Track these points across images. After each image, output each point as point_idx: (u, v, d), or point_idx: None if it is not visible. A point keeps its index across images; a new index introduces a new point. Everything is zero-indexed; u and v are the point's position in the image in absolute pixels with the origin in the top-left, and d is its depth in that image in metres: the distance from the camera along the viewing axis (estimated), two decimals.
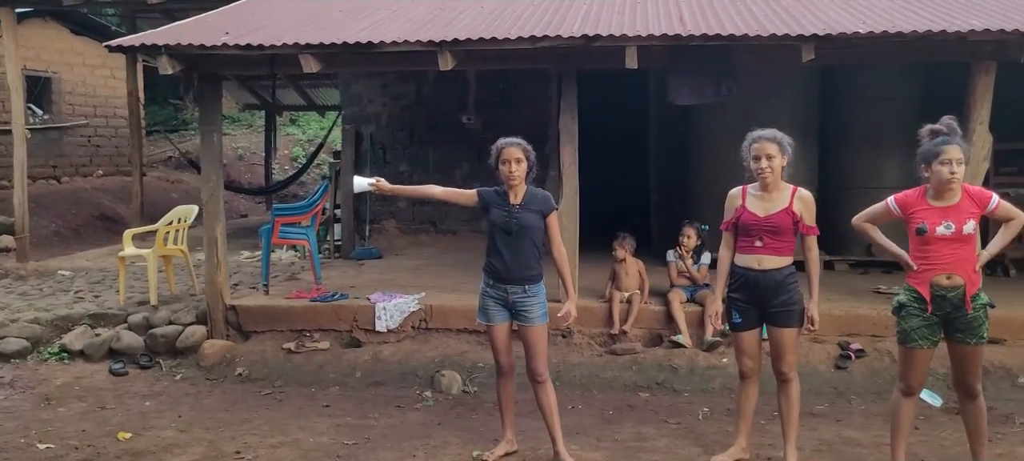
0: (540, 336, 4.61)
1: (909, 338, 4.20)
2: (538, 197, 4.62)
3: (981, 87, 6.39)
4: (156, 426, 5.41)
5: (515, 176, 4.49)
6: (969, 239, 4.09)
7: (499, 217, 4.54)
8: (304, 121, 21.84)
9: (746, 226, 4.48)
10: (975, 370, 4.25)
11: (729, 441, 4.88)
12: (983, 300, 4.15)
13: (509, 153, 4.50)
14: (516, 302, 4.56)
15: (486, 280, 4.65)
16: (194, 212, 8.23)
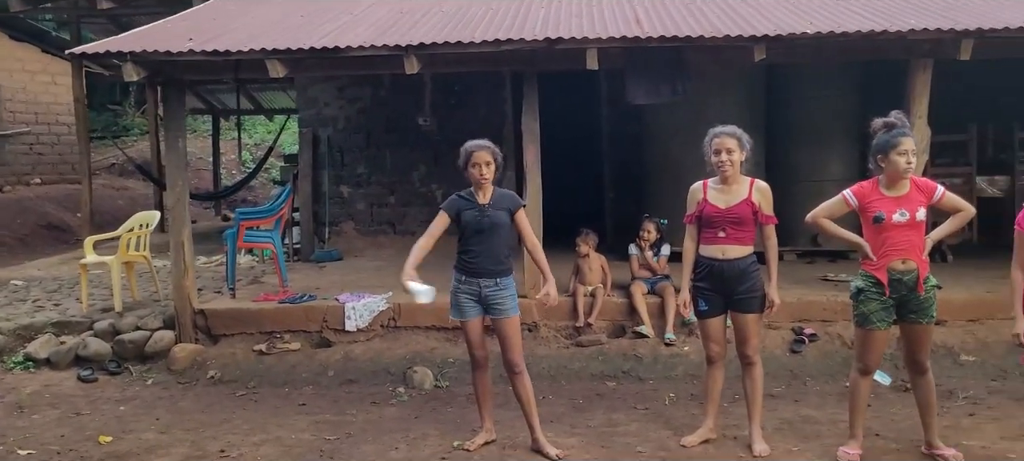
0: (514, 328, 4.79)
1: (868, 321, 4.48)
2: (506, 196, 4.83)
3: (919, 83, 6.78)
4: (135, 429, 5.45)
5: (485, 177, 4.70)
6: (921, 226, 4.41)
7: (471, 217, 4.72)
8: (250, 125, 21.65)
9: (709, 218, 4.73)
10: (926, 348, 4.57)
11: (696, 423, 5.14)
12: (933, 282, 4.47)
13: (480, 156, 4.69)
14: (488, 296, 4.73)
15: (458, 277, 4.80)
16: (156, 218, 8.21)
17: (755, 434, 4.81)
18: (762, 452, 4.70)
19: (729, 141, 4.65)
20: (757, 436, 4.80)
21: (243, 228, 7.85)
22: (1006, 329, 6.51)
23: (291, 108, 16.50)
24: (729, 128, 4.73)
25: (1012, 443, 4.79)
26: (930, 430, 4.61)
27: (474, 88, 10.25)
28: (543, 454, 4.77)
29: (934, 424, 4.62)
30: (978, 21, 6.45)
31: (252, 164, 18.39)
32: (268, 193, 17.92)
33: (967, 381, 6.07)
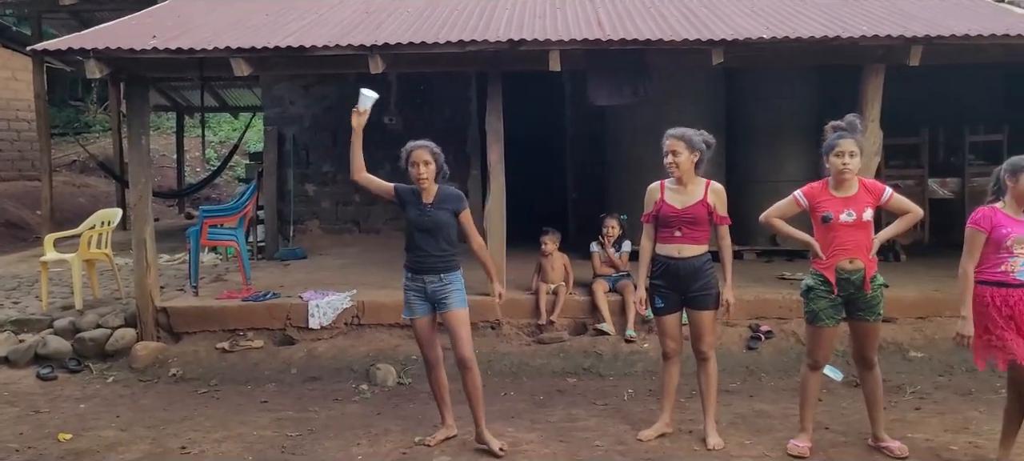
0: (461, 321, 4.81)
1: (817, 318, 4.64)
2: (450, 196, 4.85)
3: (872, 87, 6.97)
4: (95, 427, 5.45)
5: (424, 177, 4.72)
6: (867, 226, 4.56)
7: (413, 215, 4.78)
8: (215, 123, 21.50)
9: (665, 218, 4.85)
10: (873, 344, 4.73)
11: (653, 418, 5.25)
12: (880, 281, 4.63)
13: (418, 155, 4.72)
14: (434, 292, 4.78)
15: (406, 275, 4.88)
16: (118, 215, 8.17)
17: (709, 428, 4.94)
18: (715, 445, 4.84)
19: (676, 143, 4.78)
20: (711, 430, 4.94)
21: (206, 225, 7.84)
22: (953, 326, 6.73)
23: (257, 106, 16.41)
24: (678, 130, 4.84)
25: (955, 436, 4.97)
26: (877, 423, 4.77)
27: (440, 88, 10.32)
28: (487, 448, 4.81)
29: (880, 417, 4.78)
30: (927, 28, 6.65)
31: (217, 162, 18.26)
32: (233, 191, 17.82)
33: (915, 376, 6.26)
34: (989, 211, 4.24)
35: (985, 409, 5.45)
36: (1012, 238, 4.14)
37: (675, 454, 4.78)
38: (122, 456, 4.89)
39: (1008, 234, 4.15)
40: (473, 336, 6.90)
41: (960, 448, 4.77)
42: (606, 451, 4.86)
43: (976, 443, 4.83)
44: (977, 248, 4.24)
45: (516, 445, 4.98)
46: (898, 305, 6.98)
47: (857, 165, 4.51)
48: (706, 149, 4.85)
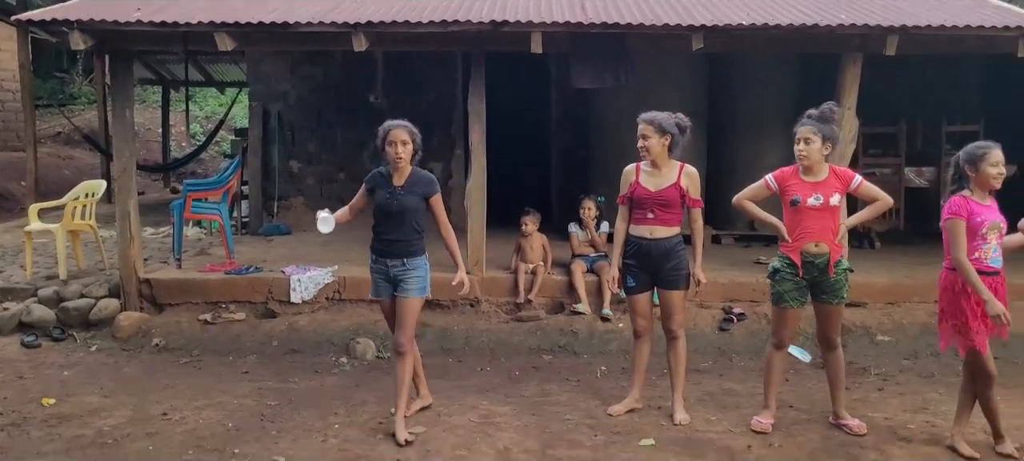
0: (410, 309, 4.75)
1: (782, 299, 4.80)
2: (422, 180, 4.77)
3: (849, 76, 7.10)
4: (78, 393, 5.55)
5: (401, 158, 4.65)
6: (834, 211, 4.70)
7: (381, 198, 4.72)
8: (201, 97, 21.46)
9: (639, 200, 4.97)
10: (835, 326, 4.87)
11: (625, 394, 5.39)
12: (844, 265, 4.78)
13: (396, 135, 4.65)
14: (396, 275, 4.74)
15: (371, 256, 4.85)
16: (102, 187, 8.23)
17: (677, 404, 5.09)
18: (682, 421, 4.98)
19: (646, 128, 4.89)
20: (678, 406, 5.08)
21: (190, 199, 7.91)
22: (921, 312, 6.98)
23: (243, 81, 16.42)
24: (649, 115, 4.95)
25: (912, 415, 5.14)
26: (838, 402, 4.93)
27: (426, 69, 10.38)
28: (394, 437, 4.67)
29: (841, 397, 4.93)
30: (903, 19, 6.78)
31: (202, 137, 18.26)
32: (218, 166, 17.83)
33: (881, 359, 6.43)
34: (962, 200, 4.36)
35: (944, 391, 5.62)
36: (987, 225, 4.29)
37: (643, 428, 4.91)
38: (104, 421, 4.99)
39: (983, 221, 4.29)
40: (452, 313, 7.17)
41: (917, 427, 4.93)
42: (576, 424, 5.00)
43: (932, 422, 4.99)
44: (962, 236, 4.30)
45: (489, 417, 5.11)
46: (868, 290, 7.16)
47: (816, 151, 4.64)
48: (679, 132, 4.94)
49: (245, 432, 4.83)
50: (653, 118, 4.90)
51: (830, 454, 4.52)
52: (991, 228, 4.29)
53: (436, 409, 5.25)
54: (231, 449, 4.55)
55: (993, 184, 4.31)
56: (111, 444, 4.62)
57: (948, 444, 4.56)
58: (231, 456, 4.46)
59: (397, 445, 4.62)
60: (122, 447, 4.59)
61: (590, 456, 4.50)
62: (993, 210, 4.33)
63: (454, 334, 6.91)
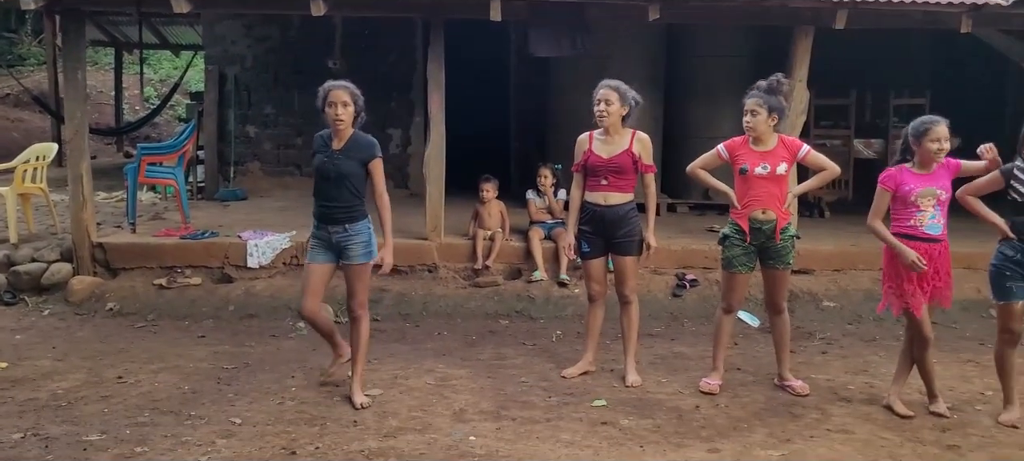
0: (359, 275, 4.69)
1: (731, 264, 4.96)
2: (362, 143, 4.63)
3: (801, 48, 7.24)
4: (31, 356, 5.52)
5: (341, 119, 4.52)
6: (781, 179, 4.86)
7: (319, 162, 4.61)
8: (155, 60, 21.07)
9: (593, 167, 5.07)
10: (781, 291, 5.04)
11: (579, 358, 5.52)
12: (791, 232, 4.94)
13: (336, 96, 4.51)
14: (339, 242, 4.64)
15: (314, 223, 4.74)
16: (53, 150, 8.11)
17: (629, 367, 5.23)
18: (633, 382, 5.12)
19: (610, 93, 4.98)
20: (630, 368, 5.22)
21: (145, 163, 7.84)
22: (865, 278, 7.22)
23: (198, 44, 16.16)
24: (613, 81, 5.05)
25: (853, 376, 5.35)
26: (782, 364, 5.11)
27: (385, 33, 10.33)
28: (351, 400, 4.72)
29: (786, 359, 5.12)
30: None
31: (156, 100, 17.95)
32: (173, 130, 17.57)
33: (826, 324, 6.64)
34: (896, 171, 4.57)
35: (884, 354, 5.85)
36: (916, 193, 4.46)
37: (595, 390, 5.04)
38: (58, 384, 4.99)
39: (912, 190, 4.47)
40: (410, 278, 7.23)
41: (857, 387, 5.14)
42: (530, 386, 5.11)
43: (871, 383, 5.21)
44: (882, 205, 4.58)
45: (446, 380, 5.20)
46: (816, 258, 7.36)
47: (761, 122, 4.80)
48: (634, 106, 5.06)
49: (202, 395, 4.87)
50: (618, 85, 5.02)
51: (773, 413, 4.70)
52: (922, 195, 4.47)
53: (393, 372, 5.33)
54: (188, 411, 4.58)
55: (934, 158, 4.48)
56: (65, 407, 4.63)
57: (885, 403, 4.76)
58: (188, 418, 4.49)
59: (354, 407, 4.68)
60: (76, 409, 4.60)
61: (543, 416, 4.62)
62: (933, 178, 4.49)
63: (412, 299, 6.97)
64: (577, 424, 4.51)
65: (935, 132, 4.47)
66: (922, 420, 4.58)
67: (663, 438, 4.33)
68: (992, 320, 6.52)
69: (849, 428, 4.46)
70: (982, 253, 6.35)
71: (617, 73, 8.95)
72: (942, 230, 4.54)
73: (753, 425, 4.51)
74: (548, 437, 4.33)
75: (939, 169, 4.51)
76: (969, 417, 4.65)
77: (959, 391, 5.05)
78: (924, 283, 4.55)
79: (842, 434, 4.38)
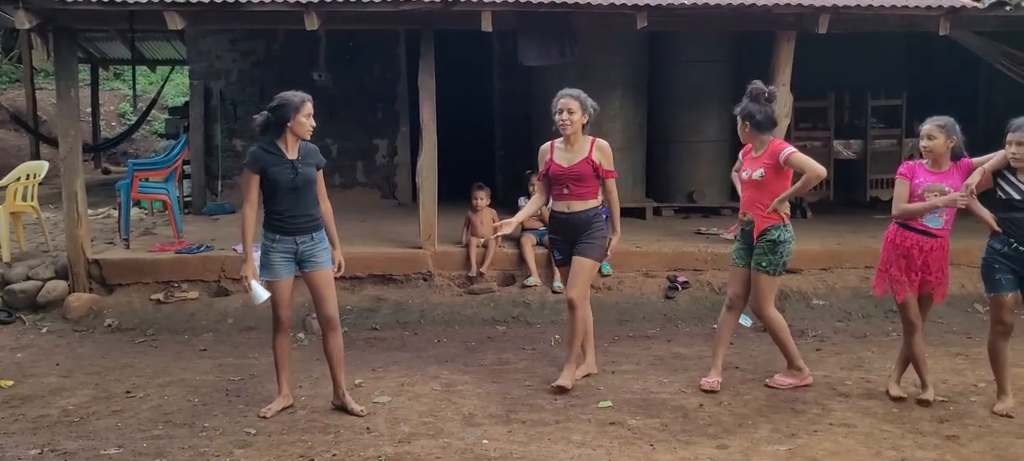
0: (330, 280, 4.72)
1: (731, 258, 5.26)
2: (312, 151, 4.67)
3: (783, 53, 7.43)
4: (36, 373, 5.53)
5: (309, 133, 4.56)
6: (759, 184, 5.00)
7: (283, 175, 4.50)
8: (130, 75, 20.90)
9: (555, 176, 5.17)
10: (756, 293, 5.10)
11: (578, 360, 5.62)
12: (770, 237, 5.01)
13: (310, 108, 4.53)
14: (304, 251, 4.61)
15: (270, 236, 4.62)
16: (44, 168, 8.09)
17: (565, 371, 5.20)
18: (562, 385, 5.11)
19: (571, 102, 5.07)
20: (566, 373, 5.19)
21: (137, 179, 7.84)
22: (852, 276, 7.40)
23: (175, 59, 16.11)
24: (574, 90, 5.16)
25: (849, 372, 5.50)
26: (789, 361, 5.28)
27: (369, 44, 10.39)
28: (347, 410, 4.75)
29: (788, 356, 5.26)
30: None
31: (133, 116, 17.85)
32: (151, 146, 17.48)
33: (817, 322, 6.79)
34: (914, 164, 4.82)
35: (877, 350, 6.01)
36: (923, 187, 4.67)
37: (599, 391, 5.15)
38: (67, 400, 5.00)
39: (920, 184, 4.69)
40: (406, 287, 7.30)
41: (853, 383, 5.29)
42: (536, 390, 5.21)
43: (867, 379, 5.36)
44: (903, 193, 4.75)
45: (451, 385, 5.29)
46: (803, 258, 7.48)
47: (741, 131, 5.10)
48: (594, 113, 5.15)
49: (212, 407, 4.91)
50: (578, 94, 5.11)
51: (776, 409, 4.83)
52: (929, 190, 4.65)
53: (398, 379, 5.40)
54: (201, 423, 4.63)
55: (925, 155, 4.70)
56: (78, 422, 4.65)
57: (885, 389, 4.99)
58: (202, 430, 4.54)
59: (356, 416, 4.73)
60: (89, 424, 4.62)
61: (552, 418, 4.71)
62: (943, 176, 4.66)
63: (409, 307, 7.04)
64: (586, 425, 4.61)
65: (922, 130, 4.71)
66: (921, 412, 4.73)
67: (671, 436, 4.45)
68: (978, 314, 6.78)
69: (850, 422, 4.60)
70: (965, 249, 6.59)
71: (602, 79, 9.19)
72: (942, 226, 4.73)
73: (757, 422, 4.64)
74: (560, 438, 4.43)
75: (953, 168, 4.67)
76: (965, 408, 4.81)
77: (953, 383, 5.21)
78: (912, 274, 4.75)
79: (844, 428, 4.52)
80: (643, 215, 9.24)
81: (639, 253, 7.57)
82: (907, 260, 4.75)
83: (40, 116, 14.47)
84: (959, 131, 4.69)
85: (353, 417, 4.74)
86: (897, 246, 4.79)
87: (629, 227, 8.47)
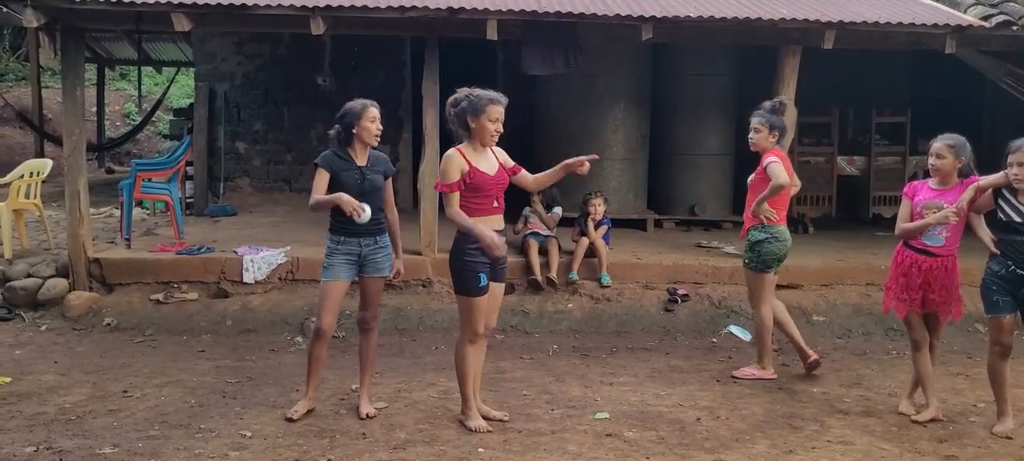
0: (380, 286, 4.91)
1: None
2: (382, 159, 4.86)
3: (788, 67, 7.42)
4: (34, 371, 5.53)
5: (377, 139, 4.72)
6: (751, 187, 5.48)
7: (350, 179, 4.64)
8: (136, 76, 20.95)
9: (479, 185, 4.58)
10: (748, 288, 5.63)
11: (575, 372, 5.67)
12: (751, 238, 5.47)
13: (374, 113, 4.67)
14: (366, 253, 4.74)
15: (335, 239, 4.73)
16: (48, 166, 8.11)
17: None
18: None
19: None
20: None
21: (140, 179, 7.85)
22: (853, 293, 7.38)
23: (181, 60, 16.15)
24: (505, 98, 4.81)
25: (848, 389, 5.48)
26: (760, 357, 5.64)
27: (374, 50, 10.42)
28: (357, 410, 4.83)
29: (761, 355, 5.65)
30: (840, 14, 7.11)
31: (137, 117, 17.87)
32: (155, 147, 17.51)
33: (817, 338, 6.74)
34: (917, 183, 4.90)
35: (877, 367, 6.00)
36: (920, 205, 4.70)
37: (596, 402, 5.14)
38: (64, 398, 5.00)
39: (919, 201, 4.73)
40: (405, 293, 7.30)
41: (852, 400, 5.27)
42: (532, 399, 5.20)
43: (866, 396, 5.34)
44: (905, 213, 4.82)
45: (448, 393, 5.27)
46: (803, 273, 7.51)
47: (761, 138, 5.37)
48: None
49: (209, 408, 4.91)
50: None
51: (773, 425, 4.81)
52: (926, 207, 4.66)
53: (395, 385, 5.40)
54: (197, 425, 4.62)
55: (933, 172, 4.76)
56: (75, 420, 4.65)
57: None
58: (198, 431, 4.53)
59: (360, 418, 4.75)
60: (86, 423, 4.62)
61: (548, 428, 4.70)
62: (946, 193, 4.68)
63: (408, 314, 7.03)
64: (582, 436, 4.59)
65: (931, 147, 4.71)
66: (920, 431, 4.72)
67: (668, 449, 4.43)
68: (979, 335, 6.75)
69: (849, 439, 4.58)
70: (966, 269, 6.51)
71: (605, 90, 9.18)
72: (942, 245, 4.72)
73: (755, 437, 4.62)
74: (555, 448, 4.42)
75: (957, 186, 4.67)
76: (964, 428, 4.79)
77: (952, 403, 5.19)
78: (912, 292, 4.77)
79: (842, 445, 4.50)
80: (644, 227, 9.23)
81: (639, 265, 7.56)
82: (907, 278, 4.79)
83: (45, 114, 14.48)
84: (969, 150, 4.70)
85: (349, 422, 4.73)
86: (899, 265, 4.85)
87: (630, 238, 8.51)
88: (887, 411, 5.04)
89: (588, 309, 7.15)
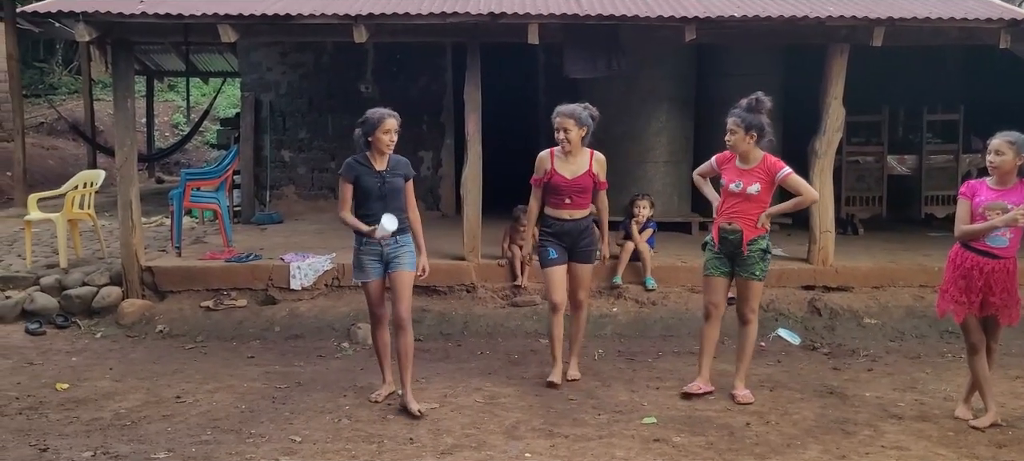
0: (409, 281, 5.06)
1: (705, 268, 5.31)
2: (401, 163, 5.09)
3: (836, 66, 7.30)
4: (90, 377, 5.65)
5: (391, 147, 4.96)
6: (752, 198, 5.05)
7: (373, 184, 4.94)
8: (184, 87, 21.36)
9: (557, 186, 5.36)
10: (749, 300, 5.22)
11: (622, 376, 5.69)
12: (760, 246, 5.11)
13: (392, 124, 4.92)
14: (389, 252, 4.99)
15: (361, 240, 5.03)
16: (101, 177, 8.29)
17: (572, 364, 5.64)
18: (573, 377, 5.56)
19: (566, 121, 5.29)
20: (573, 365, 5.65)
21: (189, 188, 7.99)
22: (906, 295, 7.23)
23: (227, 71, 16.42)
24: (568, 108, 5.36)
25: (902, 394, 5.37)
26: (738, 374, 5.31)
27: (415, 57, 10.48)
28: (408, 411, 4.90)
29: (742, 370, 5.30)
30: (889, 10, 6.97)
31: (186, 127, 18.21)
32: (203, 157, 17.82)
33: (868, 341, 6.65)
34: (975, 183, 4.72)
35: (931, 371, 5.86)
36: (984, 205, 4.56)
37: (643, 407, 5.10)
38: (120, 404, 5.10)
39: (981, 202, 4.58)
40: (449, 298, 7.32)
41: (906, 404, 5.16)
42: (579, 403, 5.18)
43: (921, 400, 5.22)
44: (963, 215, 4.65)
45: (494, 398, 5.27)
46: (854, 275, 7.38)
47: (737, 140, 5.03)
48: (592, 123, 5.35)
49: (259, 414, 4.97)
50: (572, 111, 5.32)
51: (826, 430, 4.72)
52: (990, 208, 4.51)
53: (441, 390, 5.41)
54: (248, 430, 4.68)
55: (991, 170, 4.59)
56: (130, 426, 4.74)
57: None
58: (249, 436, 4.59)
59: (413, 417, 4.84)
60: (141, 428, 4.71)
61: (595, 433, 4.67)
62: (1007, 193, 4.53)
63: (452, 319, 7.05)
64: (630, 441, 4.56)
65: (990, 145, 4.56)
66: (978, 436, 4.60)
67: (717, 455, 4.38)
68: None
69: (904, 445, 4.48)
70: None
71: (648, 92, 9.11)
72: (1006, 246, 4.57)
73: (806, 442, 4.54)
74: (603, 453, 4.39)
75: (1019, 185, 4.53)
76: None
77: (1011, 407, 5.05)
78: (972, 295, 4.62)
79: (897, 451, 4.40)
80: (689, 230, 9.14)
81: (685, 268, 7.49)
82: (967, 281, 4.61)
83: (97, 126, 14.82)
84: None
85: (397, 427, 4.76)
86: (958, 266, 4.66)
87: (675, 242, 8.43)
88: (943, 416, 4.93)
89: (633, 313, 7.10)
